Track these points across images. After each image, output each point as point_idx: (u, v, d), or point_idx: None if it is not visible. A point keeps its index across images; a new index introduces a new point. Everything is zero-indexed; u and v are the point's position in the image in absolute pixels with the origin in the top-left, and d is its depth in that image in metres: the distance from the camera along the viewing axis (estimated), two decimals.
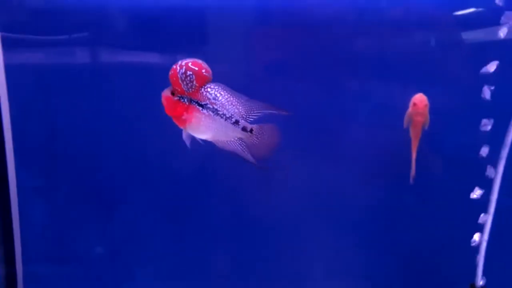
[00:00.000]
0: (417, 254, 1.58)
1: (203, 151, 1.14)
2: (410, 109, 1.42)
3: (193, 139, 1.10)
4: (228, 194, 1.54)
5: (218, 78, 1.07)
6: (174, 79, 1.03)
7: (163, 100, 1.07)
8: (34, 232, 1.53)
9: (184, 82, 1.03)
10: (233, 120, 1.06)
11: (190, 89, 1.04)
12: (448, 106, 1.45)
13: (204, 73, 1.04)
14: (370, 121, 1.50)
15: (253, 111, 1.06)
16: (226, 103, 1.06)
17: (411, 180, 1.44)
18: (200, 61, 1.04)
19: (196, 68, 1.03)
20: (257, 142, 1.07)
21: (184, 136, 1.09)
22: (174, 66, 1.03)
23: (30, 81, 1.46)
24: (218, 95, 1.05)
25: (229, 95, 1.06)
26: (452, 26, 1.47)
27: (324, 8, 1.43)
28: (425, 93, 1.41)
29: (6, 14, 1.38)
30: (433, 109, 1.40)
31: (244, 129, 1.06)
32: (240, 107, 1.06)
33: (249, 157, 1.07)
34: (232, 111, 1.05)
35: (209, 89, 1.05)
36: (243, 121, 1.06)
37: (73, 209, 1.53)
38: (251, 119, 1.06)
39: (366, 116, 1.50)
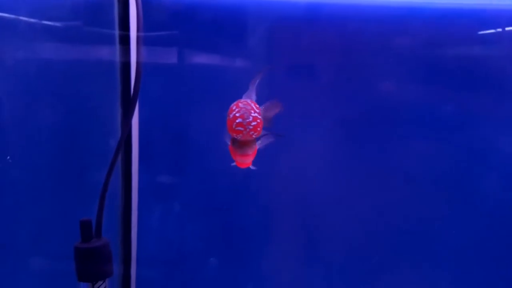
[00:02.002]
0: None
1: None
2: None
3: None
4: None
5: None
6: (249, 128, 0.97)
7: (248, 153, 1.00)
8: (150, 235, 1.57)
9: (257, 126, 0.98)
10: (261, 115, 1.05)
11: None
12: None
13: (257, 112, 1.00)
14: None
15: (251, 97, 1.09)
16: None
17: None
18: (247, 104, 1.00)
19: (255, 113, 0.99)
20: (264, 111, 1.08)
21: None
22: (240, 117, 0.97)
23: (160, 80, 1.51)
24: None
25: (247, 101, 1.05)
26: None
27: None
28: None
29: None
30: None
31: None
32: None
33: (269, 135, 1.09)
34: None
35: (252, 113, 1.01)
36: None
37: (190, 213, 1.57)
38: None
39: None
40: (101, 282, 1.11)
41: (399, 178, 1.57)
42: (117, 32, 1.49)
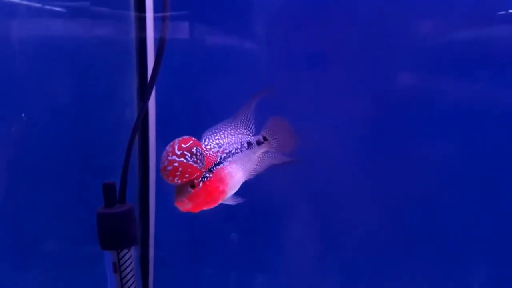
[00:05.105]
0: None
1: None
2: None
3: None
4: None
5: None
6: (165, 174, 0.83)
7: (188, 203, 0.88)
8: (168, 213, 1.51)
9: (198, 163, 0.85)
10: (246, 145, 0.98)
11: (203, 164, 0.86)
12: None
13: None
14: None
15: (248, 120, 0.99)
16: (228, 139, 0.96)
17: None
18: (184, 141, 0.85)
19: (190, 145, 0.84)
20: (277, 142, 1.03)
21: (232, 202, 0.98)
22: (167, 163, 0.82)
23: (176, 56, 1.47)
24: (217, 142, 0.93)
25: (220, 131, 0.96)
26: None
27: None
28: None
29: None
30: None
31: (259, 142, 1.00)
32: (239, 129, 0.98)
33: (283, 158, 1.03)
34: (237, 139, 0.97)
35: (208, 147, 0.91)
36: (252, 137, 1.00)
37: None
38: (254, 128, 1.00)
39: None
40: (126, 251, 1.03)
41: (423, 166, 1.49)
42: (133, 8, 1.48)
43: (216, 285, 1.62)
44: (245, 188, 1.21)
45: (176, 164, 0.83)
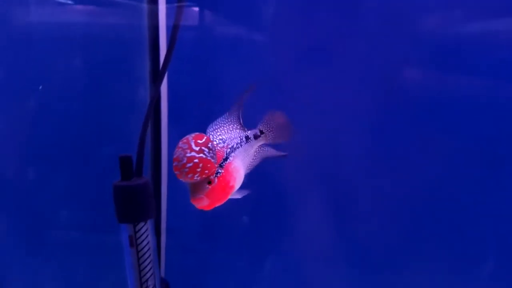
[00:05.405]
0: None
1: None
2: None
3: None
4: None
5: None
6: (185, 171, 0.81)
7: (206, 200, 0.87)
8: (180, 195, 1.51)
9: (214, 158, 0.85)
10: (244, 139, 0.98)
11: (216, 160, 0.86)
12: None
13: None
14: None
15: (240, 115, 1.00)
16: (229, 134, 0.96)
17: None
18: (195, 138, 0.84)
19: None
20: (273, 135, 1.04)
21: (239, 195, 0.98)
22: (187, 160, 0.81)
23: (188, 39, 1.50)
24: (220, 137, 0.94)
25: (220, 127, 0.96)
26: None
27: None
28: None
29: None
30: None
31: (256, 136, 1.01)
32: (235, 124, 0.99)
33: (277, 153, 1.05)
34: (236, 134, 0.97)
35: (215, 143, 0.90)
36: (249, 131, 1.00)
37: None
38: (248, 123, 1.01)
39: None
40: (143, 224, 1.03)
41: (435, 151, 1.48)
42: None
43: (227, 266, 1.62)
44: (257, 172, 1.24)
45: (196, 160, 0.81)
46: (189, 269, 1.61)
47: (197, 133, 0.85)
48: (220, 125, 0.96)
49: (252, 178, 1.50)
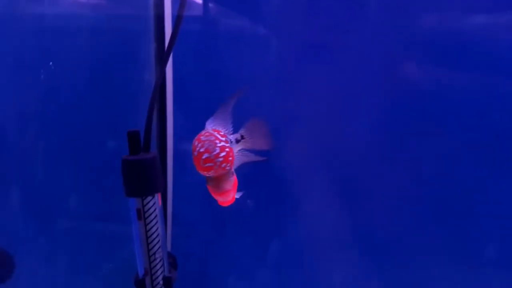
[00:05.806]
0: None
1: None
2: None
3: None
4: None
5: None
6: (219, 161, 0.82)
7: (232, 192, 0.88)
8: (186, 179, 1.56)
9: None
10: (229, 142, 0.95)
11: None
12: None
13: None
14: None
15: (227, 120, 0.98)
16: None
17: None
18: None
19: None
20: (253, 142, 1.03)
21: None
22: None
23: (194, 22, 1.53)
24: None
25: (214, 127, 0.94)
26: None
27: None
28: None
29: None
30: None
31: (237, 140, 1.00)
32: (219, 127, 0.96)
33: (256, 158, 1.04)
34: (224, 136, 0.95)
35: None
36: (231, 135, 0.99)
37: None
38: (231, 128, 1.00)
39: None
40: (151, 197, 1.05)
41: (442, 131, 1.47)
42: None
43: (231, 251, 1.63)
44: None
45: (227, 149, 0.83)
46: (193, 253, 1.62)
47: (208, 128, 0.87)
48: (214, 125, 0.96)
49: (257, 165, 1.53)
